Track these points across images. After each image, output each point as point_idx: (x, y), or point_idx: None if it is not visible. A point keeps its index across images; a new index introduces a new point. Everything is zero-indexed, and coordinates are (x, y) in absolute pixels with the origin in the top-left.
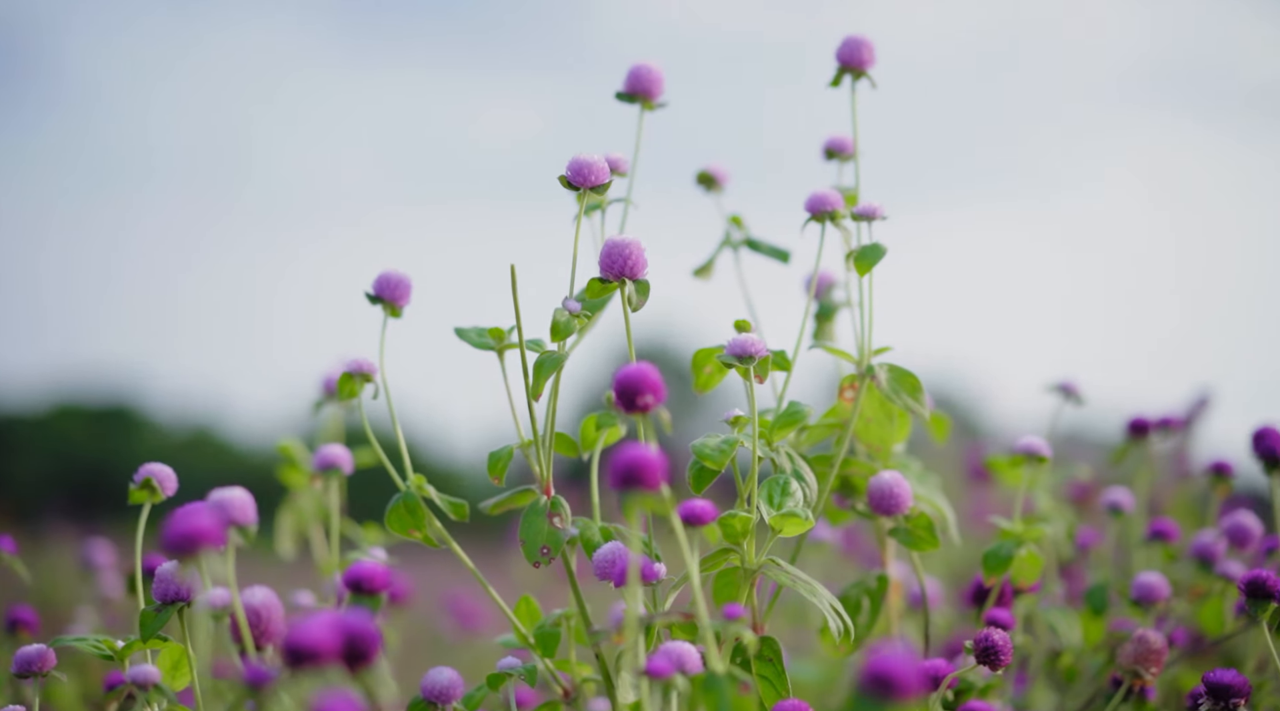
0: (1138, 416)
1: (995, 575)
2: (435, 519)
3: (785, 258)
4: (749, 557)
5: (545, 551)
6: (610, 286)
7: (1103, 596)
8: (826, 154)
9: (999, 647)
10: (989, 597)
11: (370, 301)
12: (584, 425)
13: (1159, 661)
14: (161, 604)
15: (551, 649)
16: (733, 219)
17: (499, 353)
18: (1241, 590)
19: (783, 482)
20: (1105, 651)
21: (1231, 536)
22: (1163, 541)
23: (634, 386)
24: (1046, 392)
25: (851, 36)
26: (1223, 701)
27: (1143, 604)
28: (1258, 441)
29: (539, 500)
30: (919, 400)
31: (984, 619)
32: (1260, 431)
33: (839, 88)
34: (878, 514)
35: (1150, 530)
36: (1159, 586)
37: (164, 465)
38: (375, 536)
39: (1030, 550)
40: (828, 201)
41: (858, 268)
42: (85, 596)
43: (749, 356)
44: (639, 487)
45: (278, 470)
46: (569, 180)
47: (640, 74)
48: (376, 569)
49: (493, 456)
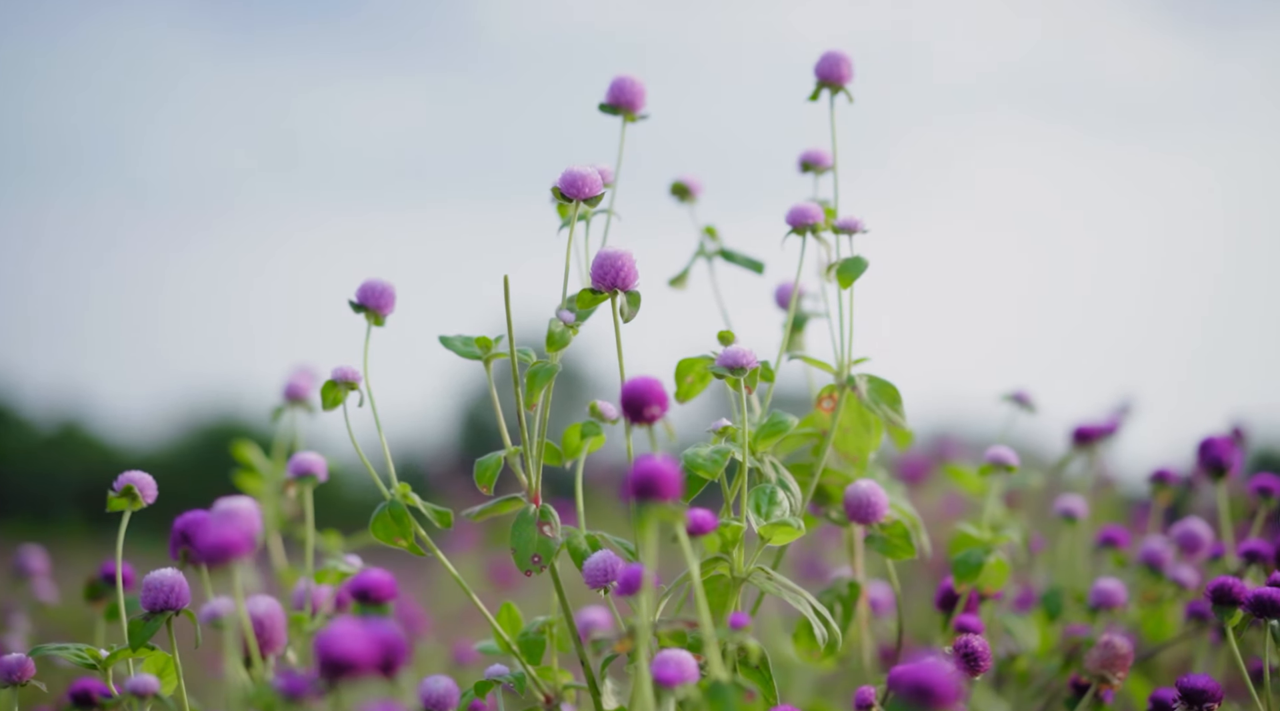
0: (1082, 425)
1: (966, 582)
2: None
3: (760, 269)
4: (738, 566)
5: (537, 559)
6: (600, 297)
7: (1058, 601)
8: (802, 167)
9: (979, 653)
10: (958, 603)
11: (354, 310)
12: (567, 433)
13: (1125, 666)
14: (150, 613)
15: (537, 656)
16: (707, 229)
17: (485, 362)
18: (1208, 597)
19: (770, 492)
20: (1060, 655)
21: (1181, 543)
22: (1113, 547)
23: (641, 398)
24: (1000, 401)
25: (830, 52)
26: (1196, 706)
27: (1101, 609)
28: (1204, 451)
29: (529, 509)
30: (899, 411)
31: (954, 624)
32: (1206, 442)
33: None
34: (854, 521)
35: (1101, 537)
36: (1117, 592)
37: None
38: (335, 543)
39: (998, 557)
40: (809, 214)
41: (840, 280)
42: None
43: (740, 368)
44: (655, 499)
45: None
46: (561, 192)
47: (623, 86)
48: (383, 578)
49: (480, 465)
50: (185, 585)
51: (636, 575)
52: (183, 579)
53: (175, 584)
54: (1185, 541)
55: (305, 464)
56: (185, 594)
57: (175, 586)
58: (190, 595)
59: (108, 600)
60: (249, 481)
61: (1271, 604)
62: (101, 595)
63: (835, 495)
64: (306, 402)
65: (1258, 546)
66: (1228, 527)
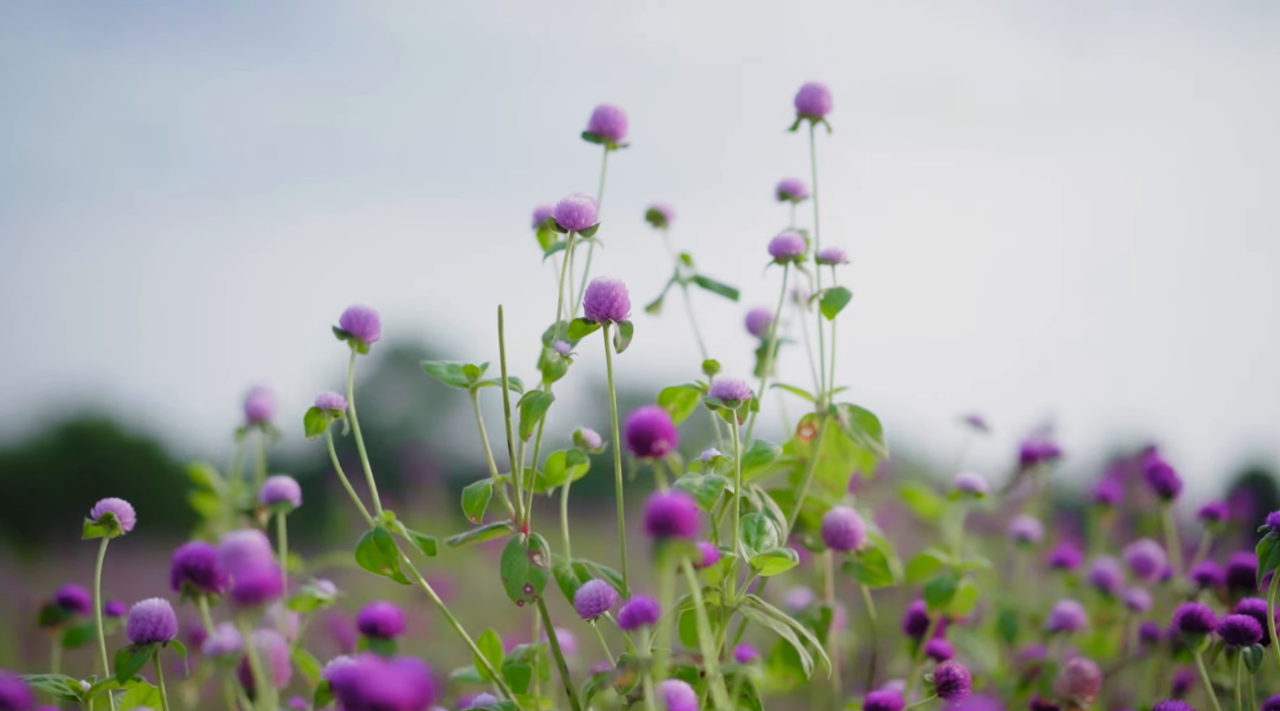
0: (1027, 445)
1: (939, 607)
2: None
3: (735, 295)
4: (728, 595)
5: (529, 590)
6: (592, 326)
7: (1013, 623)
8: (780, 195)
9: (960, 681)
10: (928, 628)
11: (338, 336)
12: (551, 460)
13: (1094, 690)
14: (136, 643)
15: (522, 685)
16: (682, 256)
17: (471, 390)
18: (1176, 623)
19: (758, 521)
20: (1016, 676)
21: (1135, 566)
22: (1064, 568)
23: (649, 432)
24: (956, 425)
25: (810, 83)
26: None
27: (1060, 632)
28: (1152, 475)
29: (518, 538)
30: (879, 439)
31: (925, 649)
32: (1154, 465)
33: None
34: (832, 548)
35: (1053, 557)
36: (1076, 615)
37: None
38: (295, 565)
39: (968, 583)
40: (792, 245)
41: (824, 311)
42: None
43: (734, 399)
44: (674, 535)
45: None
46: (558, 223)
47: (606, 115)
48: (391, 612)
49: (468, 493)
50: (173, 616)
51: (646, 609)
52: (170, 610)
53: (163, 615)
54: (1138, 564)
55: (279, 489)
56: (173, 624)
57: (163, 617)
58: (178, 626)
59: (64, 625)
60: (205, 503)
61: (1245, 631)
62: (58, 619)
63: (811, 522)
64: (268, 423)
65: (1210, 570)
66: (1175, 550)
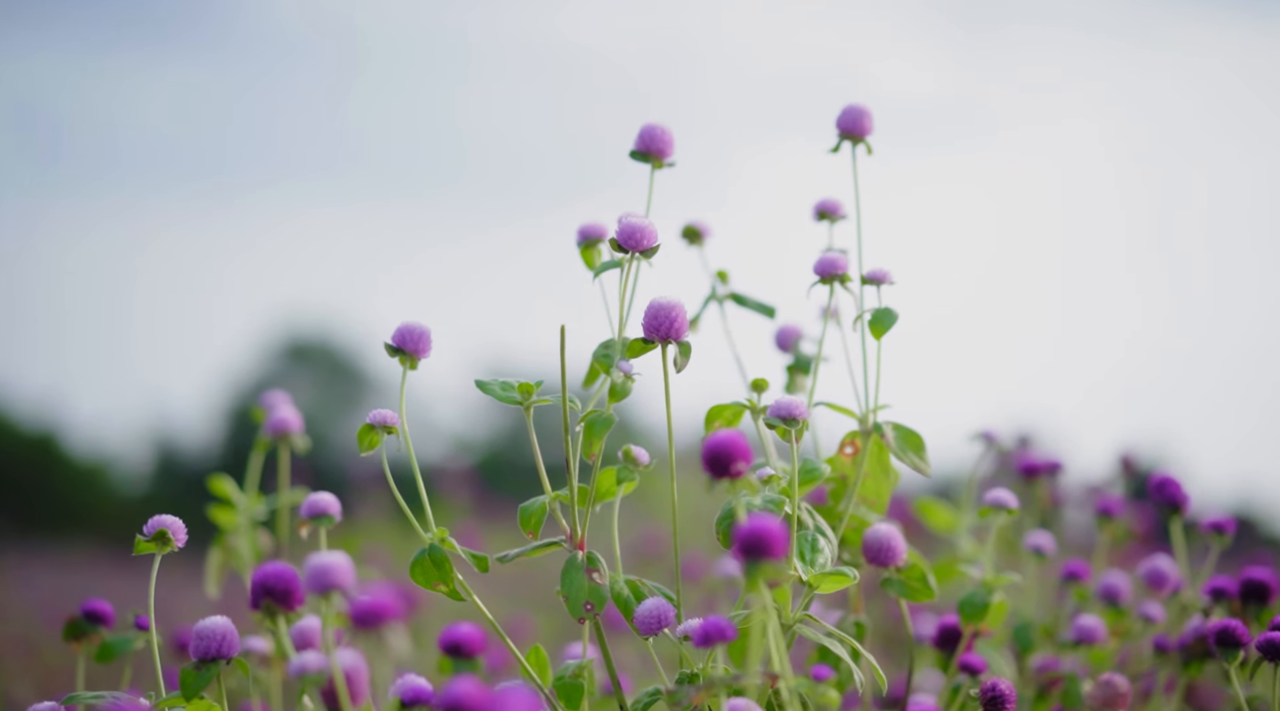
0: (1028, 460)
1: (974, 622)
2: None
3: (771, 313)
4: (786, 613)
5: (589, 607)
6: (650, 346)
7: (1028, 636)
8: (818, 215)
9: (1006, 696)
10: (960, 642)
11: (390, 353)
12: (601, 477)
13: (1125, 704)
14: (200, 661)
15: (577, 701)
16: (719, 274)
17: (525, 409)
18: (1211, 640)
19: (811, 539)
20: (1032, 688)
21: (1148, 580)
22: (1075, 582)
23: (728, 454)
24: (970, 440)
25: (852, 106)
26: None
27: (1081, 645)
28: (1159, 490)
29: (576, 555)
30: (923, 458)
31: (958, 664)
32: (1160, 481)
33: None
34: (872, 564)
35: (1065, 571)
36: (1097, 628)
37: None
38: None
39: (1000, 598)
40: (837, 265)
41: (873, 331)
42: None
43: (794, 419)
44: (765, 558)
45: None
46: (620, 243)
47: (654, 134)
48: (474, 632)
49: (524, 510)
50: (235, 634)
51: (721, 629)
52: (233, 627)
53: (227, 632)
54: (1152, 578)
55: (321, 505)
56: (236, 642)
57: (227, 635)
58: (240, 644)
59: (89, 639)
60: (223, 515)
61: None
62: (83, 634)
63: (851, 538)
64: (290, 436)
65: (1224, 584)
66: (1184, 563)
